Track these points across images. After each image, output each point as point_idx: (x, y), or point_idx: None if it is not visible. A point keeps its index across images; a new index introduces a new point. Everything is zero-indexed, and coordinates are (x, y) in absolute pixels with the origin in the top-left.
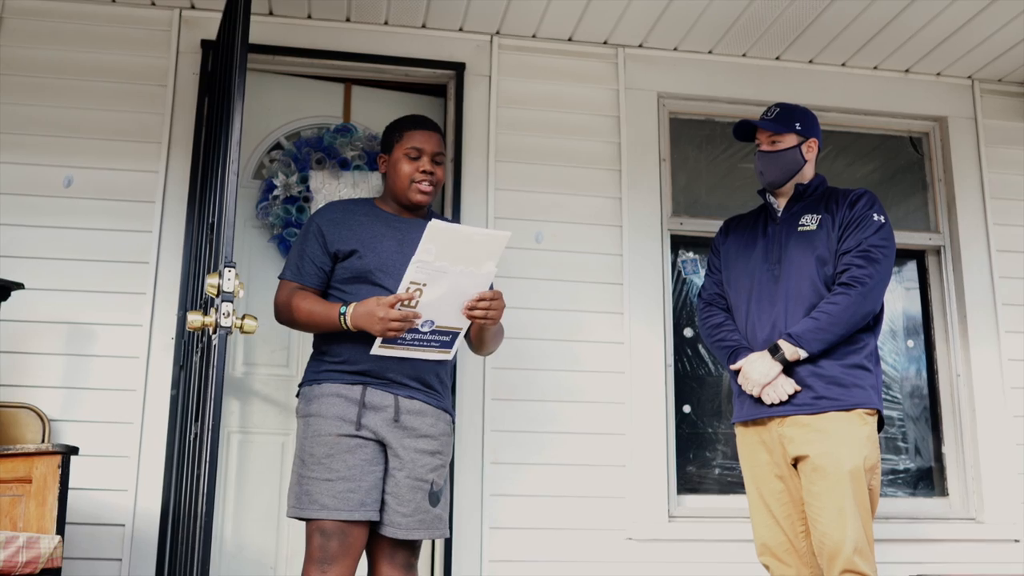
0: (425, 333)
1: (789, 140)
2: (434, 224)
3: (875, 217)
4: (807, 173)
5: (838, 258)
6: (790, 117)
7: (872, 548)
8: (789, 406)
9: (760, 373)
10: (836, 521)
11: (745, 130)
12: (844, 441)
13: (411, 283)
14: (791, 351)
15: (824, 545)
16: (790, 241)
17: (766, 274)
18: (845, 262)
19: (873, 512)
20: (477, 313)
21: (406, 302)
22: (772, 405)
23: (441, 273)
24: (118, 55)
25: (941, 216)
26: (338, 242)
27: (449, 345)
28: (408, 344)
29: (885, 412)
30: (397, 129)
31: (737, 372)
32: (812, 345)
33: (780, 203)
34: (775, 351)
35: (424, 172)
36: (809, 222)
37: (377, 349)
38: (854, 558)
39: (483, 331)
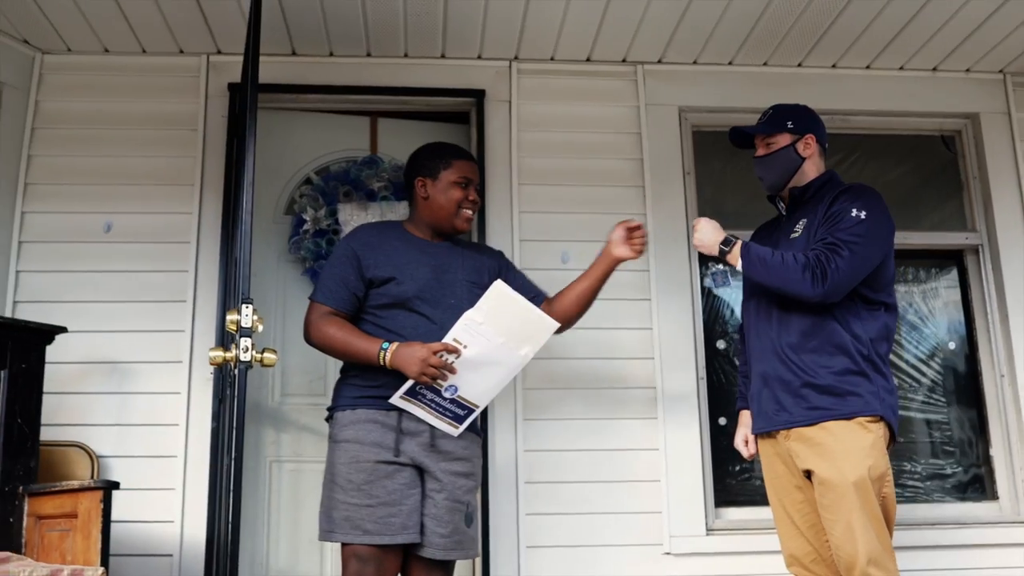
0: (445, 399)
1: (782, 140)
2: (499, 285)
3: (853, 212)
4: (808, 171)
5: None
6: (780, 117)
7: (892, 556)
8: (788, 418)
9: (709, 240)
10: (846, 534)
11: (743, 139)
12: (847, 453)
13: (455, 339)
14: (733, 256)
15: (840, 558)
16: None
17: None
18: (812, 247)
19: (892, 519)
20: (636, 243)
21: (448, 354)
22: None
23: (483, 339)
24: (151, 103)
25: (978, 214)
26: (374, 267)
27: (461, 420)
28: (427, 403)
29: (929, 417)
30: (444, 156)
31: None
32: (750, 266)
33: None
34: (728, 243)
35: (471, 200)
36: (798, 228)
37: (397, 399)
38: (869, 569)
39: (594, 290)
